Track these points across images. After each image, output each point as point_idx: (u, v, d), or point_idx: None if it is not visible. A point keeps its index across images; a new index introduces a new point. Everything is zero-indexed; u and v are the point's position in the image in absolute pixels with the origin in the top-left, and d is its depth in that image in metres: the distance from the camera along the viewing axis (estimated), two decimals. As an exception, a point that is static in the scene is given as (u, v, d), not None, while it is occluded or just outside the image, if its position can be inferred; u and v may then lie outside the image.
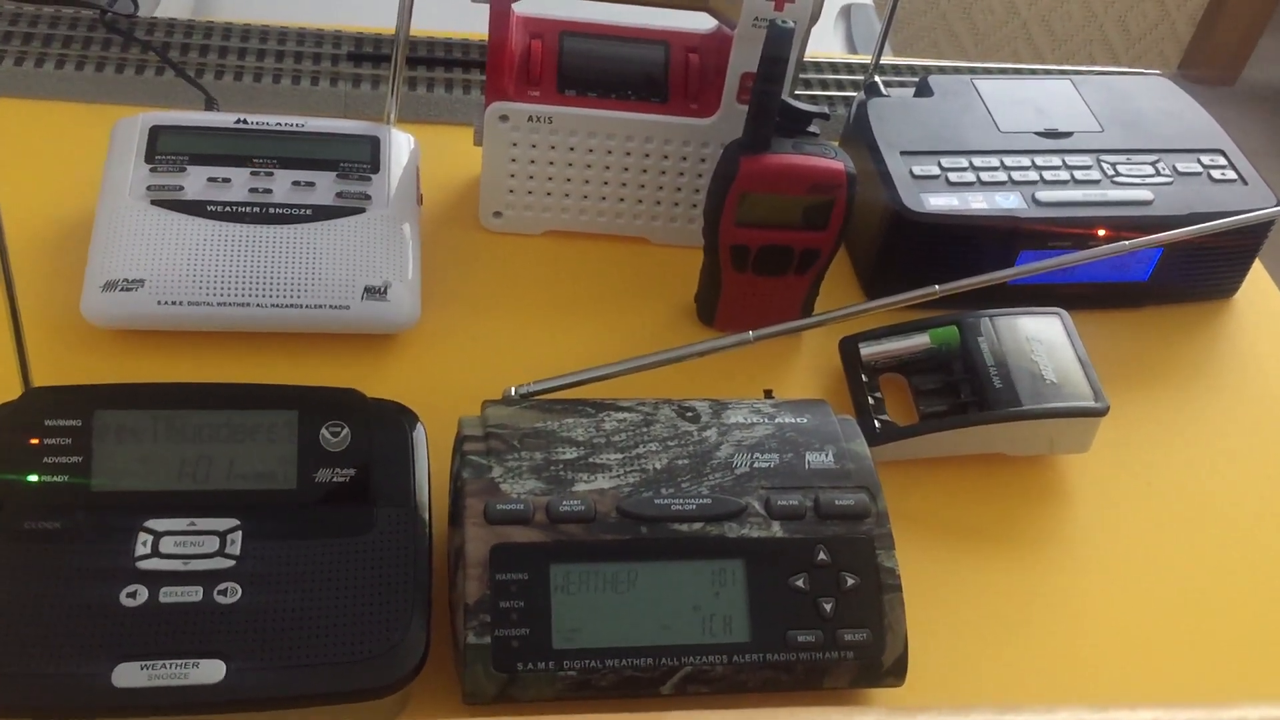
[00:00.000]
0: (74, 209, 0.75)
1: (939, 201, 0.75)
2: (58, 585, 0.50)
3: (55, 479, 0.53)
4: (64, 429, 0.54)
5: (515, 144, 0.75)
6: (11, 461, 0.53)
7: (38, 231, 0.73)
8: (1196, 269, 0.81)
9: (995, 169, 0.78)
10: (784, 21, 0.62)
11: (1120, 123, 0.83)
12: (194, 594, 0.51)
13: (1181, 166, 0.80)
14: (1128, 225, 0.75)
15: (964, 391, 0.70)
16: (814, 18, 0.72)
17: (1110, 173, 0.79)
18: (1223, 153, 0.82)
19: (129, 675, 0.48)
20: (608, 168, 0.77)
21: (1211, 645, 0.63)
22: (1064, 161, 0.79)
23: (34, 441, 0.54)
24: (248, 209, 0.69)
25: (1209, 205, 0.77)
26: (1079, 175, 0.78)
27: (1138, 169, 0.79)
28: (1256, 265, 0.85)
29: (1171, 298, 0.82)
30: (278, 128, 0.73)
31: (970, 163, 0.78)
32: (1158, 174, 0.79)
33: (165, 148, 0.71)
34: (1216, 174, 0.80)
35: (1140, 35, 2.59)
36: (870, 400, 0.71)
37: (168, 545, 0.52)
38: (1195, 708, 0.39)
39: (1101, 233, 0.75)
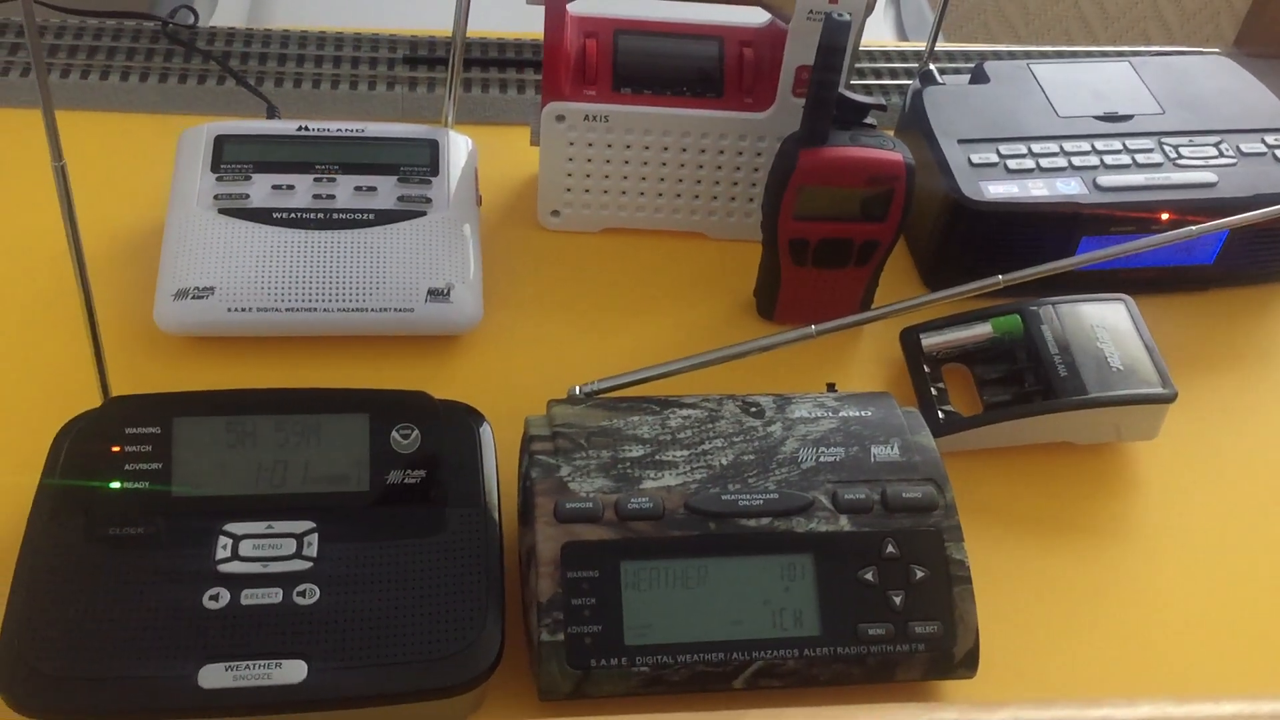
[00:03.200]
0: (143, 219, 0.76)
1: (998, 189, 0.75)
2: (142, 589, 0.52)
3: (137, 485, 0.55)
4: (144, 436, 0.56)
5: (572, 143, 0.76)
6: (95, 469, 0.55)
7: (110, 242, 0.75)
8: (1264, 250, 0.80)
9: (1055, 155, 0.77)
10: (840, 14, 0.62)
11: (1181, 104, 0.82)
12: (274, 595, 0.52)
13: (1245, 147, 0.79)
14: (1192, 208, 0.74)
15: (1028, 380, 0.69)
16: (869, 9, 0.71)
17: (1172, 155, 0.78)
18: (1288, 131, 0.80)
19: (214, 676, 0.50)
20: (664, 164, 0.77)
21: (1288, 633, 0.62)
22: (1125, 145, 0.78)
23: (115, 449, 0.55)
24: (312, 215, 0.70)
25: (1275, 186, 0.76)
26: (1140, 159, 0.77)
27: (1200, 150, 0.78)
28: (1325, 245, 0.83)
29: (1238, 280, 0.81)
30: (338, 133, 0.75)
31: (1029, 149, 0.77)
32: (1221, 155, 0.78)
33: (230, 156, 0.72)
34: (1282, 153, 0.79)
35: (1195, 10, 2.54)
36: (933, 391, 0.70)
37: (247, 548, 0.53)
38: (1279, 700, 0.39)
39: (1165, 217, 0.74)
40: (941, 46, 1.01)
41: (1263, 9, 2.55)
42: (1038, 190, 0.75)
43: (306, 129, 0.74)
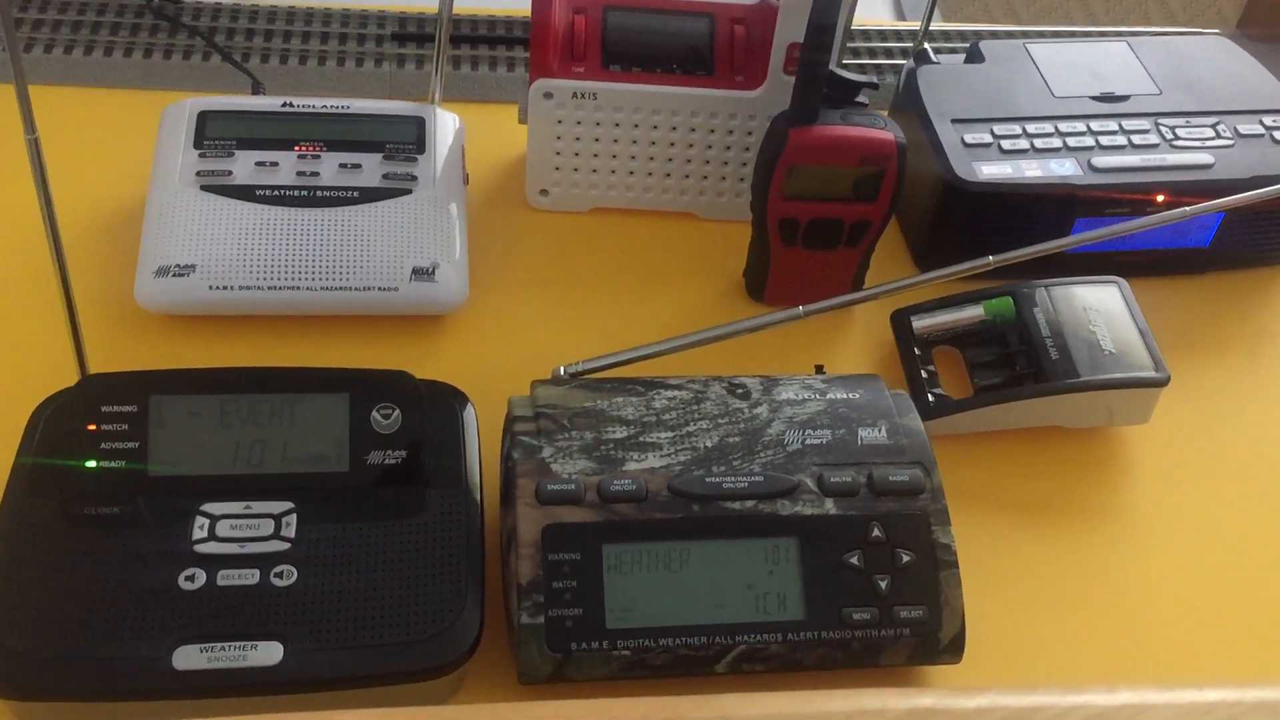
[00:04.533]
0: (125, 195, 0.75)
1: (992, 170, 0.74)
2: (118, 569, 0.51)
3: (113, 464, 0.54)
4: (121, 415, 0.55)
5: (560, 121, 0.75)
6: (70, 448, 0.54)
7: (91, 219, 0.74)
8: (1260, 233, 0.79)
9: (1050, 135, 0.76)
10: (831, -10, 0.61)
11: (1178, 84, 0.81)
12: (251, 577, 0.52)
13: (1243, 128, 0.78)
14: (1188, 190, 0.73)
15: (1020, 363, 0.69)
16: (861, -15, 0.70)
17: (1169, 136, 0.77)
18: (1286, 113, 0.79)
19: (189, 658, 0.49)
20: (654, 143, 0.76)
21: (1277, 623, 0.61)
22: (1121, 126, 0.77)
23: (91, 428, 0.54)
24: (296, 192, 0.69)
25: (1272, 168, 0.75)
26: (1136, 140, 0.76)
27: (1197, 132, 0.77)
28: (1322, 228, 0.82)
29: (1234, 263, 0.80)
30: (324, 110, 0.74)
31: (1024, 129, 0.76)
32: (1218, 136, 0.77)
33: (213, 133, 0.71)
34: (1279, 135, 0.78)
35: (1197, -8, 2.52)
36: (923, 374, 0.70)
37: (224, 529, 0.53)
38: (1265, 687, 0.38)
39: (1160, 198, 0.73)
40: (937, 25, 1.00)
41: (1265, -8, 2.53)
42: (1031, 171, 0.74)
43: (291, 105, 0.74)
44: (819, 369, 0.65)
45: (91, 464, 0.54)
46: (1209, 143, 0.76)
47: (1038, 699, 0.38)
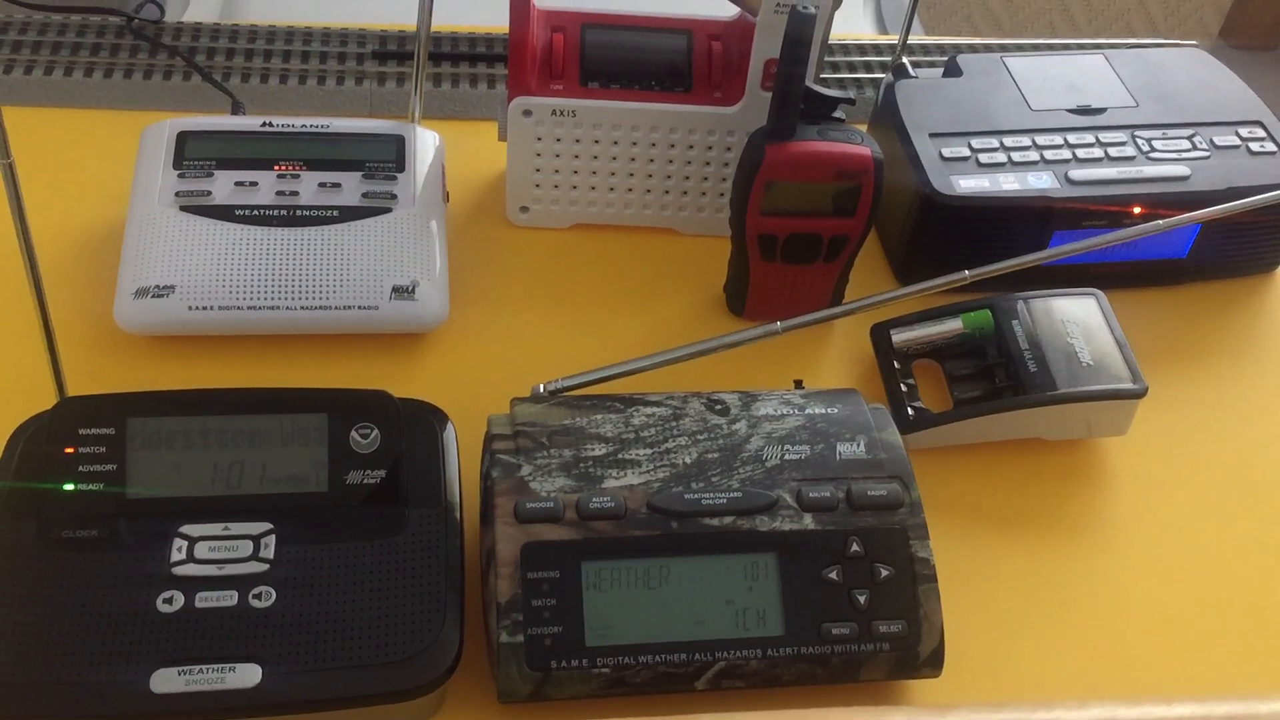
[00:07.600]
0: (105, 216, 0.75)
1: (970, 183, 0.74)
2: (95, 593, 0.51)
3: (91, 487, 0.54)
4: (98, 438, 0.55)
5: (539, 138, 0.75)
6: (47, 471, 0.54)
7: (70, 239, 0.74)
8: (1236, 244, 0.79)
9: (1027, 148, 0.76)
10: (805, 7, 0.61)
11: (1155, 96, 0.81)
12: (229, 598, 0.51)
13: (1219, 139, 0.78)
14: (1164, 202, 0.74)
15: (999, 376, 0.69)
16: (837, 2, 0.71)
17: (1145, 148, 0.77)
18: (1261, 124, 0.80)
19: (166, 681, 0.49)
20: (633, 159, 0.76)
21: (1255, 635, 0.62)
22: (1097, 138, 0.78)
23: (69, 450, 0.54)
24: (275, 212, 0.69)
25: (1248, 179, 0.76)
26: (1113, 152, 0.77)
27: (1174, 144, 0.78)
28: (1299, 238, 0.83)
29: (1211, 274, 0.81)
30: (303, 129, 0.74)
31: (1001, 143, 0.77)
32: (1194, 148, 0.78)
33: (193, 153, 0.72)
34: (1255, 146, 0.78)
35: (1179, 3, 2.54)
36: (903, 387, 0.70)
37: (202, 550, 0.53)
38: (1234, 701, 0.38)
39: (1137, 210, 0.74)
40: (916, 39, 1.00)
41: (1247, 1, 2.55)
42: (1009, 184, 0.74)
43: (270, 125, 0.74)
44: (798, 384, 0.65)
45: (69, 487, 0.54)
46: (1185, 154, 0.77)
47: (1009, 715, 0.38)
